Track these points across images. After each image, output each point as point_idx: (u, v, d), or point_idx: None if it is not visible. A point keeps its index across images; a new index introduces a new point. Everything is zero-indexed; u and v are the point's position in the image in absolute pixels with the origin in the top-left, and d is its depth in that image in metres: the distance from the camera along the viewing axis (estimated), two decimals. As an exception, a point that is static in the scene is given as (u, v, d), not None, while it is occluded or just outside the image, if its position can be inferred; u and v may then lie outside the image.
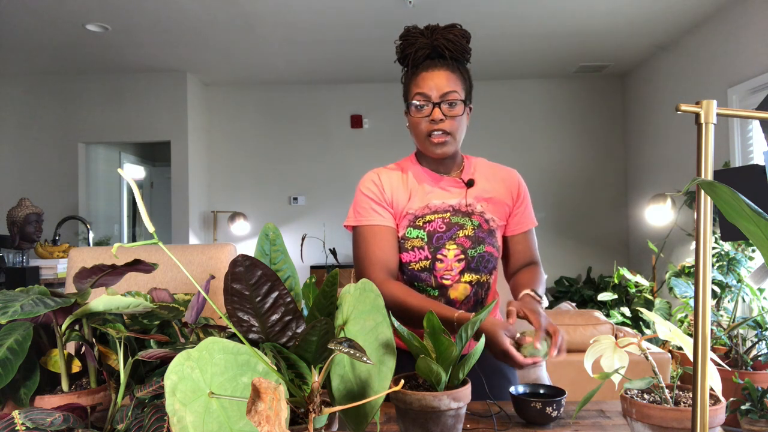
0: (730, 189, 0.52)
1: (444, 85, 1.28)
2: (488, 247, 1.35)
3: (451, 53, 1.31)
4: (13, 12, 3.75)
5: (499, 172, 1.44)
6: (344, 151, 5.69)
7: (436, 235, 1.33)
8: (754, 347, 2.94)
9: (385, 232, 1.34)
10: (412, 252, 1.33)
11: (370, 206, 1.36)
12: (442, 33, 1.31)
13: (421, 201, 1.36)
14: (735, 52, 3.74)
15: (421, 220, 1.34)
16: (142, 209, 0.68)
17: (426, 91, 1.28)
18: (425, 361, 0.88)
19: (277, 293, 0.67)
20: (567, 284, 5.37)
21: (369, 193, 1.37)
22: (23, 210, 3.51)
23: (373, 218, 1.35)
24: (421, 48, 1.31)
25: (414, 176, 1.39)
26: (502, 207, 1.40)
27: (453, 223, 1.34)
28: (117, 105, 5.24)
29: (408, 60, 1.34)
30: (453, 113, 1.29)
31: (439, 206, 1.36)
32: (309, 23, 4.07)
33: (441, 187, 1.38)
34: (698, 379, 0.67)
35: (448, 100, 1.28)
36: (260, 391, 0.56)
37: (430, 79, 1.29)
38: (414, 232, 1.34)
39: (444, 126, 1.29)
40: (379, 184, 1.38)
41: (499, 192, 1.40)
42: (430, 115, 1.29)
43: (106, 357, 0.87)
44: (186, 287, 1.57)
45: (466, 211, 1.36)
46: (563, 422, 1.08)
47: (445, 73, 1.29)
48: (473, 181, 1.38)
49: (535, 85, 5.66)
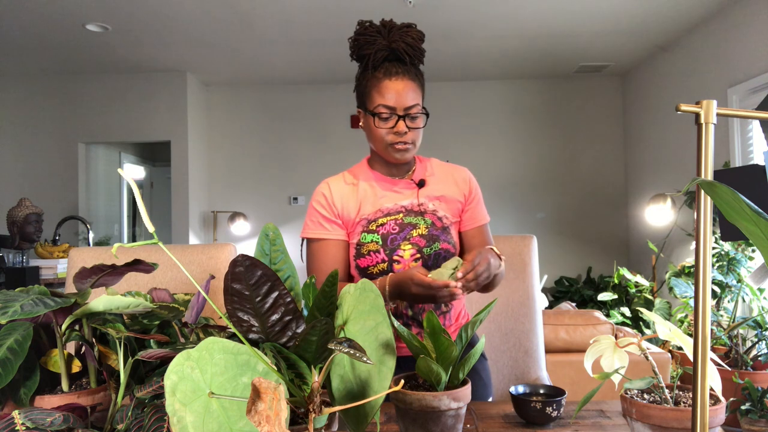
0: (730, 189, 0.52)
1: (408, 98, 1.31)
2: (443, 244, 1.36)
3: (410, 58, 1.34)
4: (13, 12, 3.75)
5: (449, 170, 1.48)
6: (344, 151, 5.69)
7: (390, 237, 1.35)
8: (754, 347, 2.94)
9: (330, 246, 1.39)
10: (368, 256, 1.35)
11: (318, 220, 1.41)
12: (399, 35, 1.34)
13: (373, 205, 1.39)
14: (735, 52, 3.74)
15: (374, 224, 1.37)
16: (142, 209, 0.68)
17: (391, 104, 1.31)
18: (425, 361, 0.88)
19: (277, 293, 0.67)
20: (567, 284, 5.37)
21: (318, 206, 1.41)
22: (23, 210, 3.51)
23: (319, 232, 1.40)
24: (380, 50, 1.34)
25: (366, 182, 1.42)
26: (454, 204, 1.43)
27: (406, 224, 1.36)
28: (117, 105, 5.23)
29: (366, 60, 1.36)
30: (415, 125, 1.34)
31: (391, 208, 1.38)
32: (309, 23, 4.07)
33: (393, 189, 1.41)
34: (698, 379, 0.67)
35: (412, 114, 1.33)
36: (260, 391, 0.56)
37: (394, 90, 1.31)
38: (368, 236, 1.36)
39: (407, 138, 1.34)
40: (329, 197, 1.41)
41: (450, 190, 1.43)
42: (394, 127, 1.32)
43: (106, 357, 0.87)
44: (186, 287, 1.58)
45: (419, 210, 1.38)
46: (563, 422, 1.08)
47: (408, 84, 1.32)
48: (424, 182, 1.42)
49: (535, 85, 5.66)
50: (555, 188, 5.62)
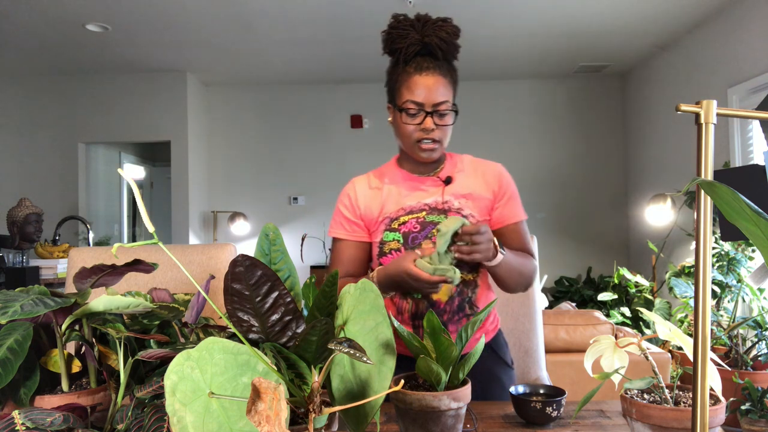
0: (730, 189, 0.52)
1: (437, 95, 1.28)
2: None
3: (443, 53, 1.30)
4: (13, 12, 3.75)
5: (480, 166, 1.43)
6: (344, 151, 5.69)
7: (411, 236, 1.33)
8: (754, 347, 2.94)
9: (349, 246, 1.40)
10: (390, 255, 1.34)
11: (340, 221, 1.42)
12: (433, 29, 1.30)
13: (397, 204, 1.37)
14: (735, 52, 3.74)
15: (396, 223, 1.35)
16: (142, 209, 0.68)
17: (419, 100, 1.28)
18: (425, 361, 0.88)
19: (277, 293, 0.67)
20: (567, 284, 5.37)
21: (342, 207, 1.43)
22: (23, 210, 3.51)
23: (340, 232, 1.41)
24: (413, 44, 1.30)
25: (392, 181, 1.41)
26: (482, 202, 1.38)
27: (428, 222, 1.33)
28: (117, 105, 5.23)
29: (398, 55, 1.33)
30: (443, 122, 1.31)
31: (414, 206, 1.36)
32: (309, 23, 4.07)
33: (419, 188, 1.39)
34: (698, 379, 0.67)
35: (440, 111, 1.29)
36: (260, 391, 0.56)
37: (423, 85, 1.28)
38: (390, 235, 1.35)
39: (434, 135, 1.30)
40: (353, 197, 1.41)
41: (478, 187, 1.39)
42: (422, 123, 1.29)
43: (106, 357, 0.87)
44: (186, 287, 1.57)
45: (442, 208, 1.35)
46: (563, 422, 1.08)
47: (438, 80, 1.28)
48: (451, 179, 1.38)
49: (535, 85, 5.66)
50: (555, 188, 5.62)
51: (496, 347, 1.43)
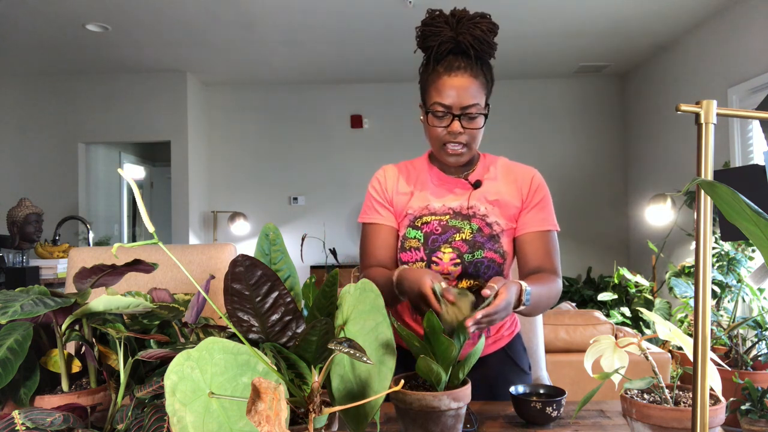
0: (730, 189, 0.52)
1: (466, 97, 1.22)
2: (488, 252, 1.28)
3: (476, 52, 1.24)
4: (12, 12, 3.75)
5: (513, 171, 1.39)
6: (344, 151, 5.69)
7: (432, 237, 1.30)
8: (754, 347, 2.94)
9: (381, 231, 1.37)
10: (409, 252, 1.32)
11: (372, 204, 1.40)
12: (468, 26, 1.23)
13: (422, 201, 1.35)
14: (735, 52, 3.74)
15: (419, 221, 1.33)
16: (142, 209, 0.68)
17: (447, 102, 1.22)
18: (425, 361, 0.88)
19: (277, 293, 0.67)
20: (567, 284, 5.37)
21: (372, 191, 1.41)
22: (23, 210, 3.51)
23: (372, 216, 1.39)
24: (445, 42, 1.23)
25: (420, 177, 1.39)
26: (510, 209, 1.33)
27: (450, 226, 1.30)
28: (117, 105, 5.23)
29: (430, 52, 1.27)
30: (472, 126, 1.25)
31: (438, 208, 1.33)
32: (309, 23, 4.07)
33: (447, 188, 1.36)
34: (698, 379, 0.67)
35: (469, 113, 1.24)
36: (260, 391, 0.56)
37: (452, 87, 1.22)
38: (412, 232, 1.33)
39: (461, 139, 1.26)
40: (383, 182, 1.40)
41: (508, 193, 1.34)
42: (449, 126, 1.24)
43: (106, 357, 0.87)
44: (186, 287, 1.57)
45: (467, 214, 1.31)
46: (563, 422, 1.08)
47: (468, 81, 1.22)
48: (480, 183, 1.34)
49: (535, 85, 5.66)
50: (555, 188, 5.59)
51: (512, 353, 1.41)
